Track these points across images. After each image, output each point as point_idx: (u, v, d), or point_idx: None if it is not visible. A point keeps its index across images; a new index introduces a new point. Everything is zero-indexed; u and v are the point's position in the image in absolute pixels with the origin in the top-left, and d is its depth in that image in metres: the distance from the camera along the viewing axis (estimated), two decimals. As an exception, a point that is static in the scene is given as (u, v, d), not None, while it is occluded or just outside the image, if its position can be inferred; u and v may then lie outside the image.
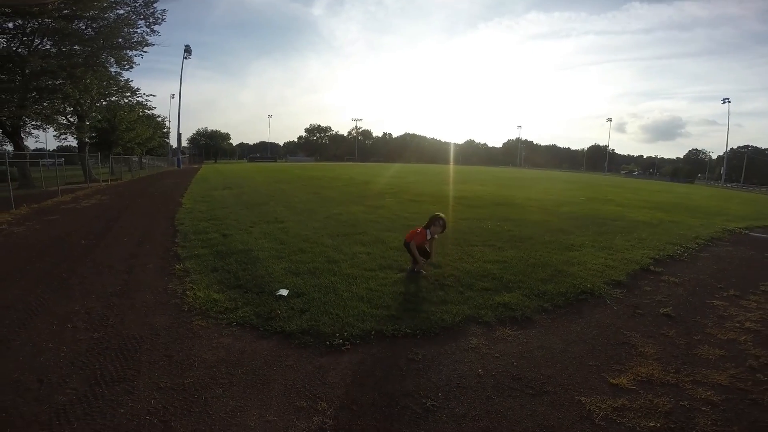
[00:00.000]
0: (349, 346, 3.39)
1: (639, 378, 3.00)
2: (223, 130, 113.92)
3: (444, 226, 5.16)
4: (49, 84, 22.39)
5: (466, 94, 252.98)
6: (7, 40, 22.12)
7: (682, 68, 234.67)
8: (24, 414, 2.45)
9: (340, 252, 6.18)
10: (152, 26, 26.71)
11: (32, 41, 22.28)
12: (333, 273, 5.12)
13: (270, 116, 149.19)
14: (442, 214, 5.16)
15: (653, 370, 3.12)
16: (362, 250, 6.30)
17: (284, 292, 4.40)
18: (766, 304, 4.96)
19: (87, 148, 32.03)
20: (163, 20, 27.31)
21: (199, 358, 3.17)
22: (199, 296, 4.35)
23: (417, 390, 2.85)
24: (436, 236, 5.18)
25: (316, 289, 4.52)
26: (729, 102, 78.89)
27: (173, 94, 70.50)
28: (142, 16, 26.28)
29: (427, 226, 5.10)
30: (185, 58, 65.26)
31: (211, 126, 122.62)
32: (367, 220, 9.32)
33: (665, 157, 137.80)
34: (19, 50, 21.78)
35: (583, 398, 2.73)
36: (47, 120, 25.95)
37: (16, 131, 24.38)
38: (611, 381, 2.96)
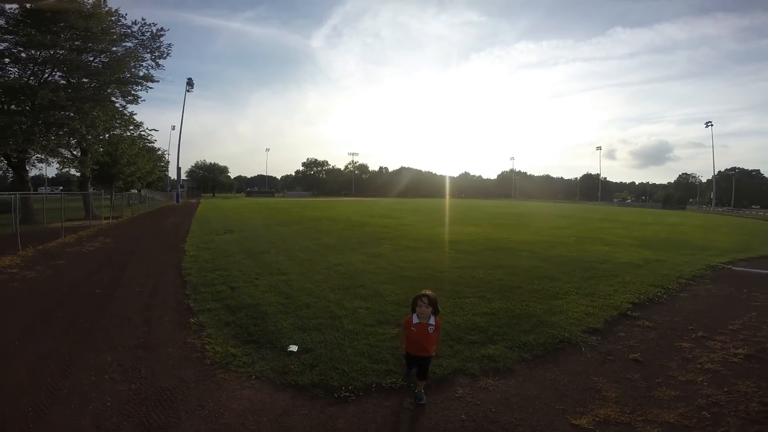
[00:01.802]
0: (354, 398, 3.92)
1: (597, 419, 3.55)
2: (221, 162, 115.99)
3: (431, 303, 4.07)
4: (57, 118, 22.97)
5: (461, 126, 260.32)
6: (19, 70, 23.10)
7: (667, 91, 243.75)
8: None
9: (342, 307, 6.73)
10: (158, 60, 27.98)
11: (43, 71, 23.21)
12: (336, 329, 5.66)
13: (268, 150, 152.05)
14: (426, 291, 4.18)
15: (611, 411, 3.67)
16: (362, 305, 6.85)
17: (294, 348, 4.93)
18: (731, 343, 5.52)
19: (89, 182, 32.72)
20: (168, 54, 28.50)
21: (227, 408, 3.69)
22: (218, 351, 4.88)
23: (411, 435, 3.38)
24: (431, 321, 4.08)
25: (323, 345, 5.07)
26: (712, 125, 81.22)
27: (173, 126, 72.35)
28: (148, 50, 27.38)
29: (412, 310, 4.16)
30: (188, 91, 66.79)
31: (209, 157, 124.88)
32: (366, 271, 9.89)
33: (657, 183, 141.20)
34: (30, 80, 22.64)
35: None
36: (52, 153, 26.34)
37: (21, 164, 24.99)
38: (573, 422, 3.50)
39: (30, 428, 3.29)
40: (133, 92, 28.21)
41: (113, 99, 27.92)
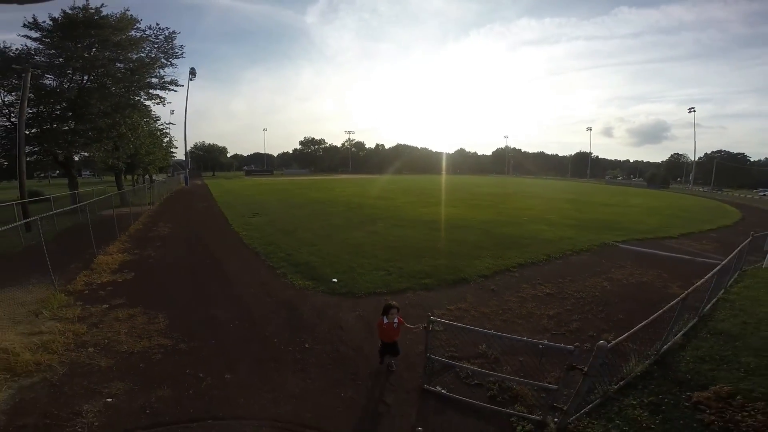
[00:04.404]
0: (365, 297, 9.51)
1: (458, 307, 9.03)
2: (216, 141, 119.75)
3: (398, 310, 6.29)
4: (108, 124, 27.37)
5: (458, 102, 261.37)
6: (58, 79, 26.85)
7: (669, 72, 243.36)
8: (270, 328, 8.43)
9: (354, 263, 12.31)
10: (170, 59, 31.85)
11: (81, 79, 26.79)
12: (353, 272, 11.24)
13: (265, 130, 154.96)
14: (394, 303, 6.42)
15: (466, 306, 9.17)
16: (366, 262, 12.43)
17: (335, 280, 10.48)
18: (549, 287, 10.73)
19: (123, 173, 37.39)
20: (182, 55, 32.42)
21: (314, 304, 9.24)
22: (300, 283, 10.43)
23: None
24: (395, 320, 6.22)
25: (349, 279, 10.65)
26: (694, 111, 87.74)
27: (173, 111, 76.48)
28: (162, 51, 31.15)
29: (383, 314, 6.32)
30: (190, 80, 70.32)
31: (202, 136, 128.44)
32: (366, 242, 15.42)
33: (650, 161, 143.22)
34: (72, 86, 26.29)
35: (434, 310, 8.73)
36: (95, 150, 29.75)
37: (69, 161, 29.19)
38: (448, 307, 8.98)
39: (238, 322, 8.66)
40: (160, 96, 32.69)
41: (145, 103, 32.30)
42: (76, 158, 35.39)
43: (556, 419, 5.18)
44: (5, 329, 7.63)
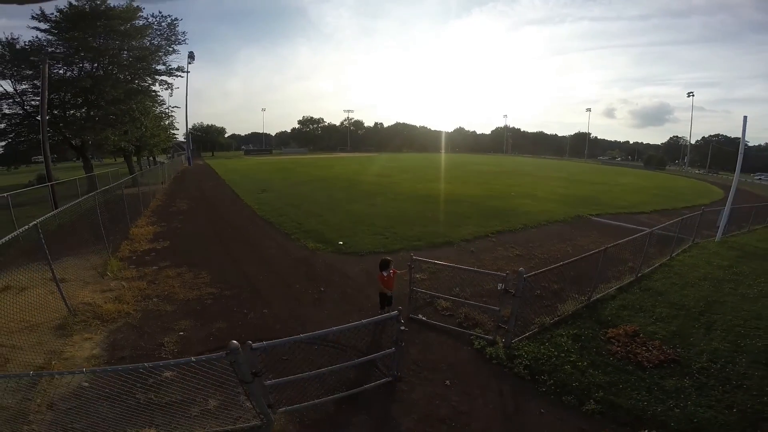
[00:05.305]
0: (367, 255, 11.66)
1: (433, 265, 11.08)
2: (213, 121, 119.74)
3: (392, 265, 8.03)
4: (123, 110, 28.72)
5: (458, 81, 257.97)
6: (68, 68, 28.20)
7: (676, 55, 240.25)
8: (292, 278, 10.60)
9: (356, 228, 14.48)
10: (173, 46, 32.65)
11: (92, 68, 27.81)
12: (356, 236, 13.40)
13: (264, 110, 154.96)
14: (388, 258, 8.26)
15: (449, 261, 11.23)
16: (366, 228, 14.56)
17: (341, 242, 12.61)
18: (520, 250, 12.89)
19: (132, 155, 39.01)
20: (184, 41, 33.27)
21: (325, 260, 11.42)
22: (312, 245, 12.57)
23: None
24: (390, 271, 7.86)
25: (352, 242, 12.78)
26: (693, 96, 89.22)
27: (171, 93, 77.50)
28: (165, 38, 32.13)
29: (381, 269, 7.89)
30: (189, 63, 71.26)
31: (201, 117, 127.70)
32: (367, 213, 17.55)
33: (651, 143, 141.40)
34: (82, 74, 27.31)
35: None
36: (105, 134, 30.40)
37: (84, 146, 30.84)
38: (430, 261, 11.05)
39: (266, 275, 10.81)
40: (167, 82, 34.17)
41: (153, 89, 33.65)
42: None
43: (503, 340, 7.22)
44: (81, 288, 9.40)
